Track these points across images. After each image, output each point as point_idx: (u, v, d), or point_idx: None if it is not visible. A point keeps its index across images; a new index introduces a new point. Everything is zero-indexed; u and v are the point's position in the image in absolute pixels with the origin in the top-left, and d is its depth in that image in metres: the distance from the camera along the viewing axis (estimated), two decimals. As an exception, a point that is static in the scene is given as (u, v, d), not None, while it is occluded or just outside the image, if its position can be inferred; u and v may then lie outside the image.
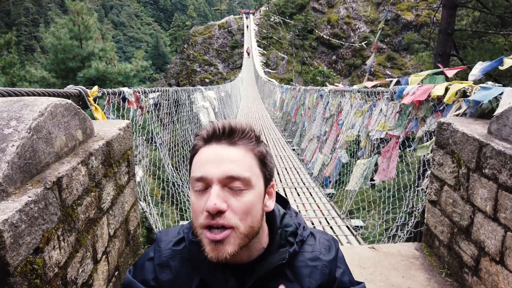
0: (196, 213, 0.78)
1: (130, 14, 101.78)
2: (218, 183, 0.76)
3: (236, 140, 0.81)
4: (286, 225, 0.91)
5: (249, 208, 0.78)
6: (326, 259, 0.88)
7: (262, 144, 0.86)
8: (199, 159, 0.81)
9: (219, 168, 0.77)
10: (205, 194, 0.77)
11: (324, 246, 0.91)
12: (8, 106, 1.26)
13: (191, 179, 0.80)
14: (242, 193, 0.77)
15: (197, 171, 0.79)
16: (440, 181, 2.28)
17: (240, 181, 0.77)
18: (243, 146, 0.81)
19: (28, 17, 77.92)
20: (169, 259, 0.88)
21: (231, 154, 0.79)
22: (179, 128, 6.00)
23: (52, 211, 1.20)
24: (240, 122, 0.83)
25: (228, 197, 0.76)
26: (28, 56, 46.01)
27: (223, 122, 0.82)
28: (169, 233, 0.95)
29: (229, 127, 0.81)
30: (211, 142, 0.81)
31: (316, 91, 8.92)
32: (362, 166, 4.58)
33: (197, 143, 0.83)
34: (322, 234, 0.96)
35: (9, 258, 0.96)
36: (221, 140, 0.81)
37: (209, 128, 0.82)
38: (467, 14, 13.81)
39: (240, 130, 0.81)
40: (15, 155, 1.10)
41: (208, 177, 0.77)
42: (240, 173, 0.77)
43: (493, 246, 1.74)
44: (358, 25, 45.46)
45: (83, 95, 2.34)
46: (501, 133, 1.76)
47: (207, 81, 43.91)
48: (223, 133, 0.81)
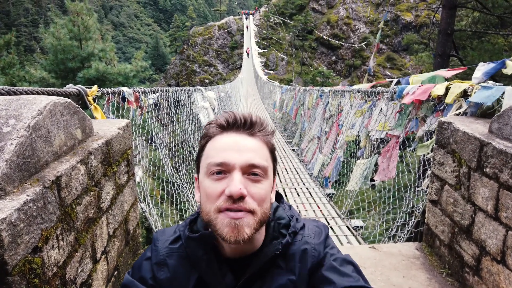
0: (211, 197, 0.79)
1: (129, 14, 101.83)
2: (240, 170, 0.79)
3: (255, 132, 0.85)
4: (279, 218, 0.92)
5: (265, 195, 0.82)
6: (315, 242, 0.89)
7: (273, 138, 0.90)
8: (217, 146, 0.83)
9: (241, 155, 0.79)
10: (223, 179, 0.79)
11: (313, 232, 0.92)
12: (7, 104, 1.25)
13: (208, 165, 0.82)
14: (260, 181, 0.81)
15: (216, 156, 0.81)
16: (440, 181, 2.28)
17: (260, 169, 0.81)
18: (260, 138, 0.85)
19: (28, 18, 77.94)
20: (166, 258, 0.89)
21: (251, 144, 0.83)
22: (179, 129, 6.00)
23: (51, 210, 1.19)
24: (257, 115, 0.87)
25: (248, 183, 0.79)
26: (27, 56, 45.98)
27: (243, 113, 0.86)
28: (165, 232, 0.96)
29: (250, 118, 0.84)
30: (229, 130, 0.84)
31: (316, 91, 8.91)
32: (362, 166, 4.58)
33: (212, 130, 0.86)
34: (312, 221, 0.98)
35: (8, 257, 0.95)
36: (240, 130, 0.84)
37: (229, 117, 0.84)
38: (467, 14, 13.81)
39: (259, 123, 0.85)
40: (14, 153, 1.09)
41: (231, 163, 0.79)
42: (260, 162, 0.81)
43: (494, 245, 1.73)
44: (357, 25, 45.50)
45: (82, 95, 2.34)
46: (502, 132, 1.76)
47: (207, 82, 43.92)
48: (244, 124, 0.84)
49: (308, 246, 0.88)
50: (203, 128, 0.90)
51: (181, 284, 0.86)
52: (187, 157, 6.11)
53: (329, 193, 6.45)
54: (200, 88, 7.21)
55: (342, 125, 6.21)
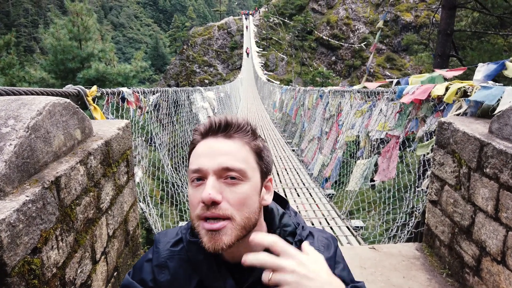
0: (193, 205, 0.79)
1: (129, 15, 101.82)
2: (214, 175, 0.77)
3: (232, 133, 0.82)
4: (285, 225, 0.91)
5: (244, 198, 0.79)
6: (325, 256, 0.86)
7: (259, 138, 0.87)
8: (196, 153, 0.82)
9: (215, 160, 0.78)
10: (201, 186, 0.78)
11: (322, 244, 0.90)
12: (6, 105, 1.25)
13: (188, 172, 0.82)
14: (237, 184, 0.78)
15: (193, 163, 0.80)
16: (440, 181, 2.27)
17: (235, 172, 0.78)
18: (239, 139, 0.83)
19: (28, 18, 77.92)
20: (167, 260, 0.88)
21: (226, 147, 0.81)
22: (179, 129, 5.99)
23: (50, 211, 1.19)
24: (236, 117, 0.85)
25: (224, 188, 0.77)
26: (27, 57, 45.97)
27: (219, 116, 0.84)
28: (167, 234, 0.95)
29: (225, 121, 0.82)
30: (207, 136, 0.83)
31: (316, 91, 8.91)
32: (362, 166, 4.57)
33: (195, 137, 0.85)
34: (320, 232, 0.96)
35: (7, 258, 0.95)
36: (217, 134, 0.82)
37: (206, 123, 0.84)
38: (466, 15, 13.82)
39: (236, 123, 0.83)
40: (13, 154, 1.09)
41: (204, 168, 0.78)
42: (234, 164, 0.78)
43: (495, 246, 1.73)
44: (357, 26, 45.53)
45: (82, 95, 2.33)
46: (502, 132, 1.76)
47: (207, 82, 43.91)
48: (219, 127, 0.82)
49: None
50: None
51: (181, 287, 0.85)
52: (187, 158, 6.09)
53: (329, 193, 6.45)
54: (200, 89, 7.21)
55: (342, 125, 6.20)
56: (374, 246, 2.55)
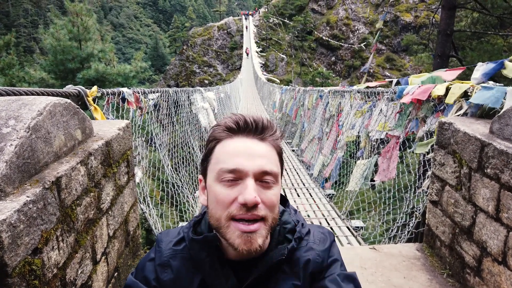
0: (223, 204, 0.78)
1: (129, 15, 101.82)
2: (253, 177, 0.77)
3: (266, 137, 0.83)
4: (285, 222, 0.92)
5: (276, 202, 0.81)
6: (319, 249, 0.89)
7: (281, 141, 0.89)
8: (228, 150, 0.81)
9: (254, 162, 0.78)
10: (235, 186, 0.78)
11: (318, 238, 0.92)
12: (7, 105, 1.25)
13: (219, 170, 0.80)
14: (271, 187, 0.80)
15: (228, 162, 0.79)
16: (441, 181, 2.27)
17: (271, 176, 0.80)
18: (269, 143, 0.83)
19: (27, 19, 77.90)
20: (170, 259, 0.88)
21: (263, 149, 0.81)
22: (179, 129, 5.99)
23: (51, 211, 1.18)
24: (267, 119, 0.85)
25: (260, 190, 0.78)
26: (27, 57, 45.95)
27: (253, 116, 0.83)
28: (169, 233, 0.95)
29: (262, 122, 0.83)
30: (239, 134, 0.82)
31: (315, 91, 8.91)
32: (362, 166, 4.57)
33: (220, 133, 0.83)
34: (318, 228, 0.97)
35: (7, 259, 0.95)
36: (250, 134, 0.82)
37: (239, 119, 0.82)
38: (466, 15, 13.83)
39: (270, 127, 0.84)
40: (14, 154, 1.08)
41: (244, 170, 0.77)
42: (272, 169, 0.80)
43: (496, 246, 1.73)
44: (357, 26, 45.55)
45: (82, 95, 2.33)
46: (503, 132, 1.76)
47: (206, 82, 43.90)
48: (255, 128, 0.82)
49: (312, 252, 0.88)
50: (209, 129, 0.89)
51: (184, 286, 0.85)
52: (187, 158, 6.10)
53: (329, 193, 6.44)
54: (200, 89, 7.20)
55: (342, 126, 6.20)
56: (375, 246, 2.54)
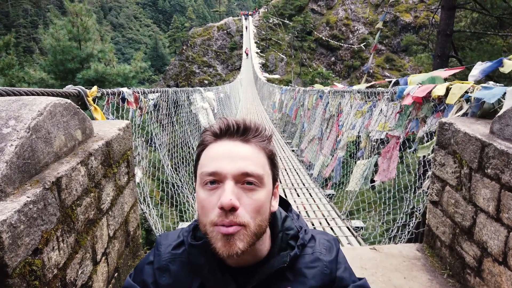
0: (206, 209, 0.77)
1: (129, 15, 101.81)
2: (232, 179, 0.75)
3: (250, 138, 0.81)
4: (288, 228, 0.90)
5: (260, 206, 0.77)
6: (327, 259, 0.87)
7: (272, 143, 0.86)
8: (210, 154, 0.80)
9: (234, 164, 0.76)
10: (216, 190, 0.76)
11: (324, 247, 0.90)
12: (7, 105, 1.24)
13: (201, 174, 0.79)
14: (254, 190, 0.77)
15: (209, 165, 0.78)
16: (441, 182, 2.27)
17: (254, 178, 0.77)
18: (255, 144, 0.81)
19: (27, 19, 77.89)
20: (169, 263, 0.87)
21: (244, 151, 0.79)
22: (178, 129, 5.99)
23: (51, 211, 1.18)
24: (253, 120, 0.83)
25: (241, 194, 0.76)
26: (26, 57, 45.93)
27: (236, 119, 0.82)
28: (168, 236, 0.94)
29: (244, 124, 0.81)
30: (223, 138, 0.81)
31: (315, 92, 8.91)
32: (362, 166, 4.57)
33: (206, 138, 0.82)
34: (322, 234, 0.95)
35: (8, 259, 0.94)
36: (234, 137, 0.80)
37: (222, 124, 0.81)
38: (466, 15, 13.83)
39: (254, 128, 0.82)
40: (14, 154, 1.08)
41: (222, 172, 0.75)
42: (254, 170, 0.77)
43: (496, 246, 1.73)
44: (356, 26, 45.57)
45: (82, 95, 2.33)
46: (503, 132, 1.75)
47: (206, 83, 43.90)
48: (237, 130, 0.80)
49: (320, 263, 0.86)
50: (201, 134, 0.87)
51: None
52: (187, 158, 6.10)
53: (329, 193, 6.44)
54: (200, 89, 7.20)
55: (342, 126, 6.20)
56: (375, 246, 2.54)
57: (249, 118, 0.84)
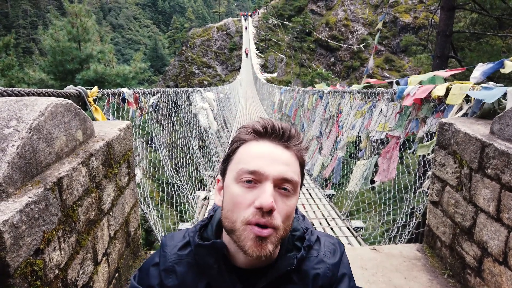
0: (240, 206, 0.76)
1: (128, 16, 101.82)
2: (272, 182, 0.76)
3: (291, 145, 0.82)
4: (294, 229, 0.90)
5: (291, 212, 0.79)
6: (330, 262, 0.88)
7: (306, 153, 0.88)
8: (252, 152, 0.80)
9: (275, 167, 0.77)
10: (253, 189, 0.76)
11: (329, 250, 0.90)
12: (8, 106, 1.25)
13: (239, 170, 0.78)
14: (289, 197, 0.78)
15: (250, 162, 0.78)
16: (442, 182, 2.27)
17: (291, 184, 0.78)
18: (294, 152, 0.82)
19: (26, 20, 77.88)
20: (175, 264, 0.86)
21: (286, 157, 0.80)
22: (178, 130, 5.99)
23: (53, 212, 1.18)
24: (294, 128, 0.84)
25: (277, 197, 0.76)
26: (26, 58, 45.93)
27: (281, 123, 0.83)
28: (174, 237, 0.93)
29: (289, 130, 0.82)
30: (265, 139, 0.81)
31: (315, 92, 8.92)
32: (362, 167, 4.58)
33: (246, 135, 0.83)
34: (327, 237, 0.95)
35: (10, 260, 0.95)
36: (276, 140, 0.81)
37: (267, 124, 0.81)
38: (465, 16, 13.85)
39: (296, 136, 0.83)
40: (15, 155, 1.08)
41: (265, 173, 0.76)
42: (293, 177, 0.78)
43: (496, 246, 1.73)
44: (356, 27, 45.62)
45: (83, 96, 2.33)
46: (503, 133, 1.76)
47: (206, 83, 43.90)
48: (282, 135, 0.81)
49: (323, 265, 0.86)
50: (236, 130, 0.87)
51: None
52: (187, 158, 6.10)
53: (329, 194, 6.44)
54: (199, 89, 7.20)
55: (342, 126, 6.21)
56: (375, 247, 2.54)
57: (291, 126, 0.85)
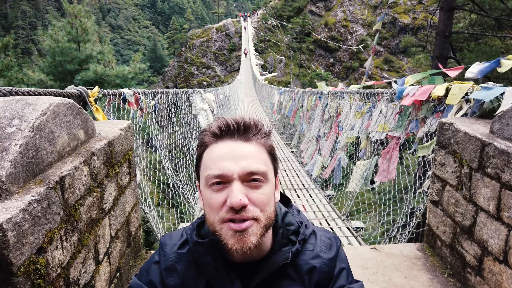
0: (214, 209, 0.78)
1: (127, 17, 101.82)
2: (239, 179, 0.76)
3: (250, 136, 0.82)
4: (288, 224, 0.91)
5: (267, 200, 0.79)
6: (327, 257, 0.88)
7: (271, 138, 0.87)
8: (213, 156, 0.80)
9: (238, 164, 0.77)
10: (223, 189, 0.77)
11: (325, 244, 0.90)
12: (11, 105, 1.25)
13: (206, 177, 0.79)
14: (261, 186, 0.79)
15: (213, 168, 0.78)
16: (442, 181, 2.28)
17: (259, 175, 0.78)
18: (256, 142, 0.82)
19: (25, 20, 77.81)
20: (175, 263, 0.87)
21: (247, 150, 0.80)
22: (178, 130, 5.99)
23: (55, 210, 1.19)
24: (251, 118, 0.83)
25: (248, 191, 0.77)
26: (25, 59, 45.89)
27: (235, 118, 0.82)
28: (172, 236, 0.93)
29: (243, 123, 0.81)
30: (223, 138, 0.81)
31: (314, 93, 8.93)
32: (362, 167, 4.58)
33: (206, 138, 0.83)
34: (323, 232, 0.95)
35: (13, 258, 0.95)
36: (234, 136, 0.81)
37: (221, 123, 0.81)
38: (464, 16, 13.88)
39: (254, 125, 0.82)
40: (18, 154, 1.09)
41: (229, 174, 0.76)
42: (259, 168, 0.78)
43: (497, 245, 1.74)
44: (355, 28, 45.68)
45: (84, 96, 2.33)
46: (503, 132, 1.77)
47: (205, 84, 43.89)
48: (237, 129, 0.81)
49: (319, 260, 0.86)
50: (199, 134, 0.87)
51: None
52: (187, 159, 6.10)
53: (329, 194, 6.45)
54: (199, 90, 7.21)
55: (341, 127, 6.21)
56: (376, 246, 2.55)
57: (247, 115, 0.84)
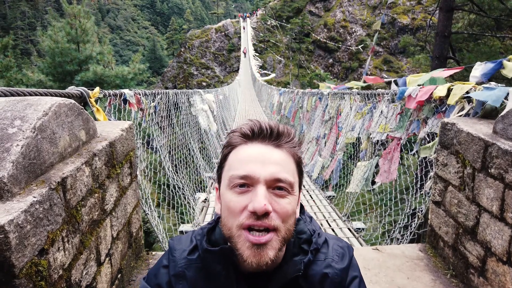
0: (234, 213, 0.75)
1: (126, 17, 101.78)
2: (265, 184, 0.74)
3: (282, 143, 0.80)
4: (300, 232, 0.88)
5: (291, 211, 0.77)
6: (339, 267, 0.85)
7: (301, 150, 0.85)
8: (241, 157, 0.78)
9: (266, 168, 0.75)
10: (246, 193, 0.75)
11: (337, 254, 0.88)
12: (12, 105, 1.24)
13: (230, 177, 0.77)
14: (285, 196, 0.76)
15: (239, 168, 0.76)
16: (444, 182, 2.27)
17: (286, 184, 0.76)
18: (287, 150, 0.80)
19: (25, 21, 77.74)
20: (185, 270, 0.84)
21: (277, 156, 0.78)
22: (178, 131, 5.98)
23: (57, 212, 1.17)
24: (284, 125, 0.82)
25: (273, 198, 0.75)
26: (24, 59, 45.85)
27: (269, 122, 0.80)
28: (181, 241, 0.91)
29: (277, 129, 0.80)
30: (254, 140, 0.79)
31: (314, 93, 8.92)
32: (363, 168, 4.57)
33: (235, 139, 0.81)
34: (336, 240, 0.93)
35: (15, 260, 0.94)
36: (265, 141, 0.79)
37: (254, 125, 0.80)
38: (463, 17, 13.89)
39: (286, 133, 0.81)
40: (20, 154, 1.08)
41: (255, 176, 0.74)
42: (286, 177, 0.76)
43: (500, 246, 1.73)
44: (354, 28, 45.71)
45: (84, 96, 2.32)
46: (507, 132, 1.76)
47: (204, 85, 43.88)
48: (270, 134, 0.79)
49: (330, 270, 0.84)
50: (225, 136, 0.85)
51: None
52: (187, 160, 6.09)
53: (329, 195, 6.44)
54: (199, 91, 7.20)
55: (341, 128, 6.21)
56: (378, 247, 2.54)
57: (281, 123, 0.83)
